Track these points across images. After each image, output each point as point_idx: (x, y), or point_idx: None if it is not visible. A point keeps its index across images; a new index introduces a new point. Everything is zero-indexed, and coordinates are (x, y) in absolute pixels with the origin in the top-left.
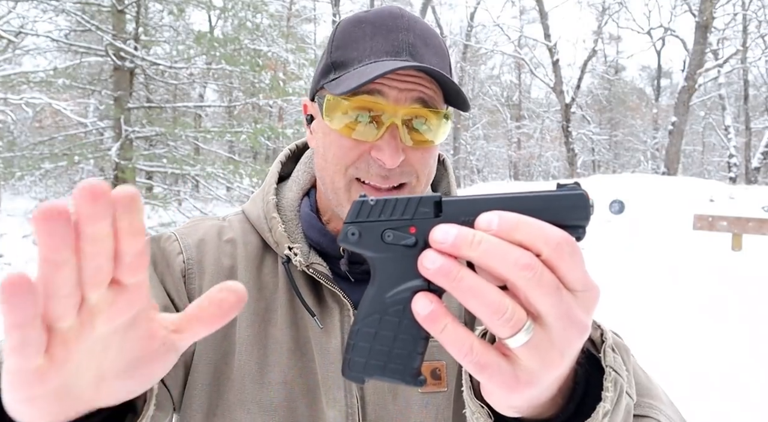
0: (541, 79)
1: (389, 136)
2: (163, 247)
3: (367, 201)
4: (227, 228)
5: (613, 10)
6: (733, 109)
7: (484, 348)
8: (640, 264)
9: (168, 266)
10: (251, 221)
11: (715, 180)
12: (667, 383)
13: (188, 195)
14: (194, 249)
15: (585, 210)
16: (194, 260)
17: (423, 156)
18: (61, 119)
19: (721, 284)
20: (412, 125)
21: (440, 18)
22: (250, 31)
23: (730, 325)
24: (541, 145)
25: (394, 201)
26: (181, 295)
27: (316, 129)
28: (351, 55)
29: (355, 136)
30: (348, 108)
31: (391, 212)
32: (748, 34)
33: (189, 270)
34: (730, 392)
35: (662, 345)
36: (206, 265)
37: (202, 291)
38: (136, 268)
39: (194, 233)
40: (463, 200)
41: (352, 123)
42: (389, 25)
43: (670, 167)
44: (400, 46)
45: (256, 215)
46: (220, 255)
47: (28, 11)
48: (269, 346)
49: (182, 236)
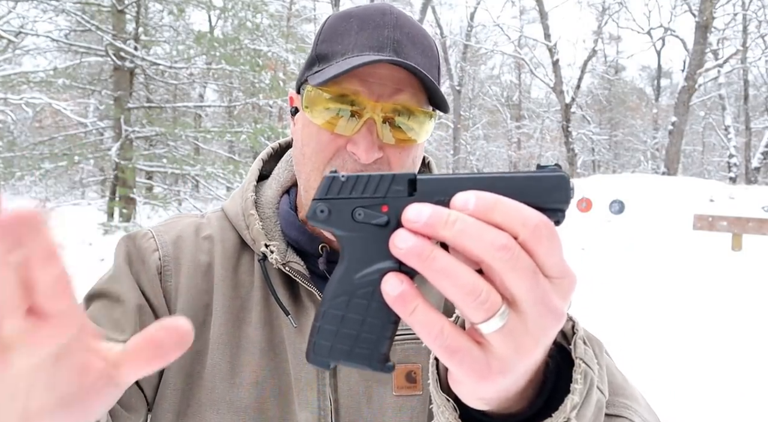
0: (541, 79)
1: (366, 130)
2: (138, 245)
3: (338, 177)
4: (205, 225)
5: (613, 10)
6: (733, 109)
7: (455, 332)
8: (640, 264)
9: (143, 263)
10: (229, 219)
11: (715, 180)
12: (666, 382)
13: (188, 195)
14: (171, 246)
15: (565, 192)
16: (170, 257)
17: (401, 156)
18: (61, 119)
19: (721, 284)
20: (394, 122)
21: (440, 18)
22: (250, 31)
23: (730, 325)
24: (541, 145)
25: (366, 178)
26: (157, 293)
27: (298, 122)
28: (335, 49)
29: (333, 129)
30: (327, 101)
31: (363, 190)
32: (748, 34)
33: (165, 268)
34: (730, 392)
35: (662, 344)
36: (183, 262)
37: (179, 289)
38: (57, 295)
39: (171, 230)
40: (439, 178)
41: (331, 117)
42: (376, 21)
43: (670, 167)
44: (384, 41)
45: (234, 213)
46: (197, 252)
47: (28, 11)
48: (242, 346)
49: (158, 234)
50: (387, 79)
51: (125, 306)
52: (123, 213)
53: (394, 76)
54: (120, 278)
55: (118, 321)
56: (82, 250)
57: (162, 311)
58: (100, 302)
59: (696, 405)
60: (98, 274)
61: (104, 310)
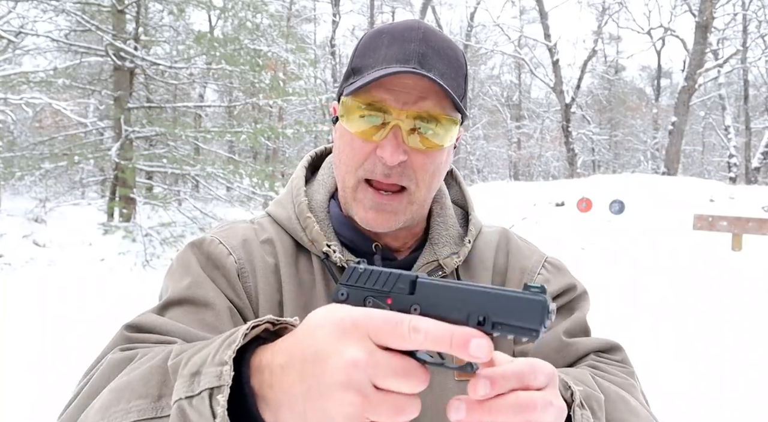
0: (541, 79)
1: (392, 135)
2: (208, 251)
3: (358, 268)
4: (260, 230)
5: (613, 10)
6: (733, 109)
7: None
8: (640, 264)
9: (218, 268)
10: (280, 223)
11: (715, 180)
12: (667, 382)
13: (188, 195)
14: (241, 250)
15: (540, 317)
16: (244, 259)
17: (425, 161)
18: (61, 119)
19: (721, 284)
20: (420, 130)
21: (440, 18)
22: (250, 31)
23: (730, 325)
24: (541, 145)
25: (378, 273)
26: (241, 295)
27: (338, 130)
28: (367, 62)
29: (364, 137)
30: (359, 110)
31: (374, 282)
32: (748, 34)
33: (242, 270)
34: (730, 391)
35: (662, 344)
36: (256, 264)
37: (258, 289)
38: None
39: (234, 235)
40: (436, 284)
41: (363, 125)
42: (405, 36)
43: (670, 167)
44: (410, 54)
45: (286, 217)
46: (263, 254)
47: (28, 11)
48: None
49: (224, 239)
50: (411, 88)
51: (216, 310)
52: (123, 213)
53: (418, 85)
54: (202, 283)
55: (212, 325)
56: (82, 250)
57: (247, 311)
58: (185, 308)
59: (696, 405)
60: (99, 274)
61: (191, 315)
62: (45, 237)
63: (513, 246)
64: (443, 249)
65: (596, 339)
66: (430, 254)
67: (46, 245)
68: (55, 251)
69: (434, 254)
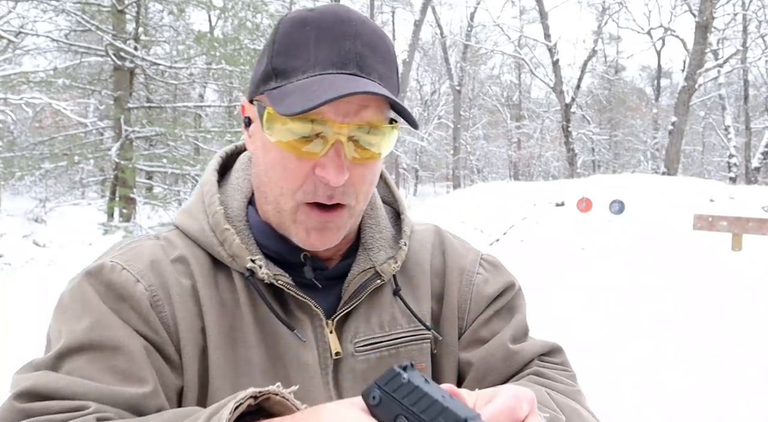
0: (541, 79)
1: (334, 153)
2: (109, 280)
3: (402, 376)
4: (169, 247)
5: (613, 10)
6: (733, 109)
7: None
8: (640, 264)
9: (124, 299)
10: (192, 237)
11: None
12: (667, 382)
13: (188, 195)
14: (150, 274)
15: None
16: (156, 285)
17: (365, 173)
18: (61, 119)
19: (721, 284)
20: (358, 142)
21: (440, 18)
22: (250, 31)
23: (730, 325)
24: (541, 145)
25: (422, 394)
26: (157, 328)
27: (254, 138)
28: (294, 64)
29: (297, 155)
30: (291, 123)
31: (414, 403)
32: (748, 34)
33: (154, 298)
34: (730, 391)
35: (662, 344)
36: (169, 288)
37: (175, 317)
38: None
39: (139, 256)
40: None
41: (295, 140)
42: (336, 32)
43: (670, 167)
44: (347, 56)
45: (199, 229)
46: (178, 276)
47: (28, 11)
48: (240, 369)
49: (128, 263)
50: (352, 98)
51: (129, 352)
52: (123, 213)
53: (359, 94)
54: (107, 322)
55: (127, 372)
56: (82, 250)
57: (167, 347)
58: (88, 356)
59: (696, 405)
60: None
61: (98, 364)
62: (45, 237)
63: (448, 245)
64: (378, 254)
65: (539, 343)
66: (365, 261)
67: (46, 245)
68: (55, 251)
69: (369, 261)
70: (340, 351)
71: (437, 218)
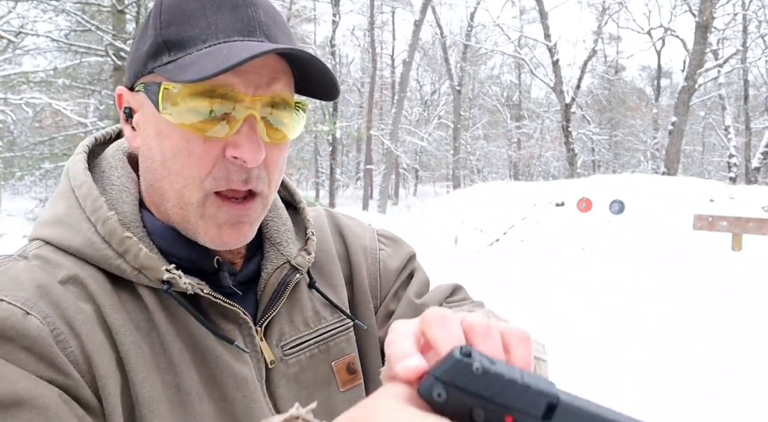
0: (541, 79)
1: (248, 129)
2: None
3: (472, 366)
4: (49, 267)
5: (613, 10)
6: (733, 109)
7: None
8: (640, 264)
9: (12, 339)
10: (74, 252)
11: (715, 180)
12: (667, 382)
13: None
14: (42, 302)
15: None
16: (53, 316)
17: (277, 157)
18: (61, 119)
19: (721, 284)
20: (269, 121)
21: (440, 18)
22: None
23: (731, 325)
24: (541, 145)
25: (502, 380)
26: (63, 368)
27: (144, 127)
28: (191, 33)
29: (202, 133)
30: (194, 100)
31: (495, 391)
32: (748, 34)
33: (55, 331)
34: (730, 392)
35: (662, 344)
36: (70, 317)
37: (85, 351)
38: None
39: (17, 283)
40: (582, 410)
41: (201, 120)
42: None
43: (670, 167)
44: (251, 23)
45: (84, 241)
46: (75, 301)
47: (28, 11)
48: (172, 399)
49: (4, 293)
50: (263, 68)
51: (38, 406)
52: None
53: (269, 64)
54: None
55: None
56: None
57: (81, 390)
58: None
59: (696, 405)
60: None
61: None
62: None
63: (344, 227)
64: (289, 248)
65: (439, 288)
66: (276, 256)
67: None
68: None
69: (281, 256)
70: (274, 360)
71: (437, 218)
